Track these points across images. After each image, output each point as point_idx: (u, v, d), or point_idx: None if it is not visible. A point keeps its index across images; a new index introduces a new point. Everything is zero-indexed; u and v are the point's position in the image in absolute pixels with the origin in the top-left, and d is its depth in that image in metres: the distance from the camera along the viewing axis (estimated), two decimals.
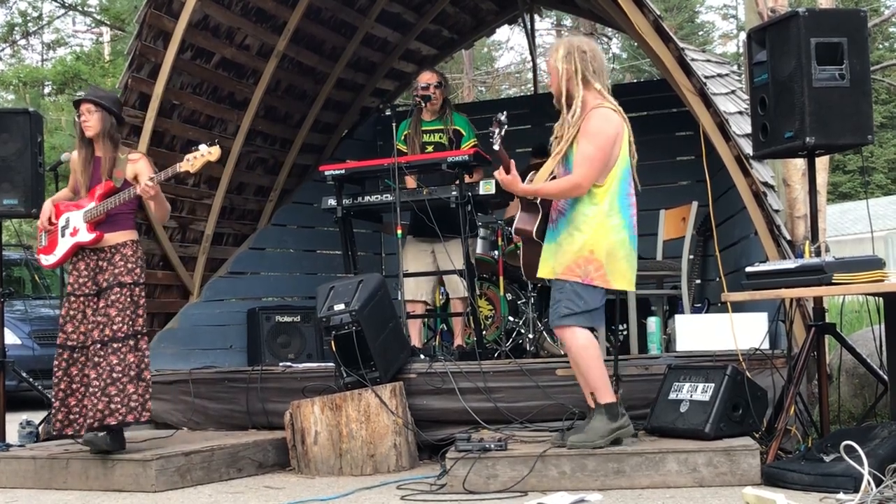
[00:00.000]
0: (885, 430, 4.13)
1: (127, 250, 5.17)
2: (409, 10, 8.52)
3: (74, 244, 5.18)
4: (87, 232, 5.16)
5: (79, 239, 5.17)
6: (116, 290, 5.06)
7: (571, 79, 4.52)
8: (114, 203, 5.11)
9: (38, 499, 4.84)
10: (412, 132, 6.39)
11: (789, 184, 5.48)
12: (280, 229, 8.54)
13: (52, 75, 21.83)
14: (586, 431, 4.47)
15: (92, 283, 5.14)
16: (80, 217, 5.18)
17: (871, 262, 4.30)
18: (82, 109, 5.20)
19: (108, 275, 5.11)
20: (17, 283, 11.17)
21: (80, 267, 5.18)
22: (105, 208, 5.12)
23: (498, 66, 33.39)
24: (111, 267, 5.12)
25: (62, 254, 5.23)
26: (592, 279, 4.45)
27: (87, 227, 5.15)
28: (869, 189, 29.58)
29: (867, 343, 5.44)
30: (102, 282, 5.11)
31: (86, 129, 5.18)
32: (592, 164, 4.42)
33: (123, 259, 5.13)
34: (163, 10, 6.55)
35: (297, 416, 5.26)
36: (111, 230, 5.17)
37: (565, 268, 4.48)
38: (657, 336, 5.89)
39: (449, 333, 7.03)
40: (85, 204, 5.19)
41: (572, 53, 4.53)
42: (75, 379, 5.10)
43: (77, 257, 5.20)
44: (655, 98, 8.57)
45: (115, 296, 5.05)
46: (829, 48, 4.60)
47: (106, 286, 5.09)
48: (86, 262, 5.17)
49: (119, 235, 5.19)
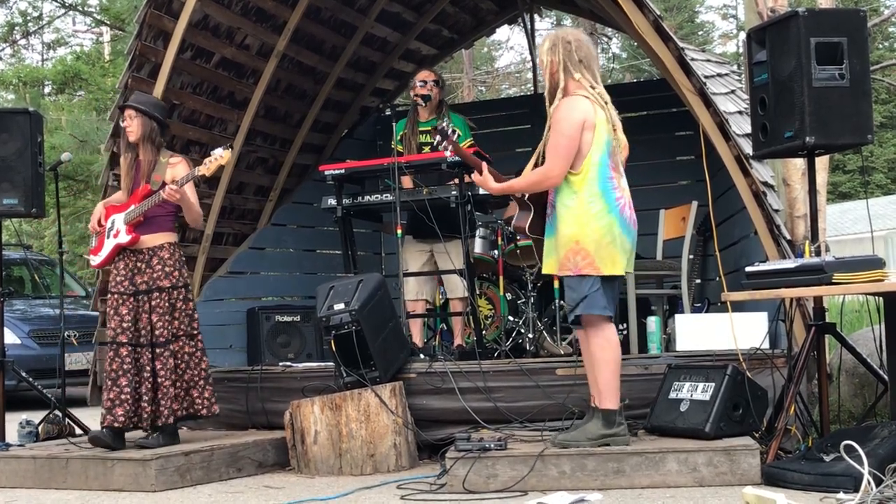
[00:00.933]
0: (885, 430, 4.13)
1: (164, 253, 5.33)
2: (408, 10, 8.52)
3: (116, 245, 5.36)
4: (125, 234, 5.33)
5: (119, 240, 5.36)
6: (155, 294, 5.28)
7: (556, 71, 4.55)
8: (148, 206, 5.29)
9: (38, 498, 4.84)
10: (409, 132, 6.39)
11: (789, 183, 5.47)
12: (280, 229, 8.54)
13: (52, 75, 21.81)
14: (577, 430, 4.48)
15: (129, 282, 5.31)
16: (122, 219, 5.36)
17: (870, 261, 4.31)
18: (125, 115, 5.39)
19: (146, 277, 5.30)
20: (17, 282, 11.17)
21: (119, 266, 5.36)
22: (141, 211, 5.29)
23: (498, 65, 33.39)
24: (149, 270, 5.30)
25: (106, 254, 5.41)
26: (581, 269, 4.45)
27: (126, 228, 5.33)
28: (869, 189, 29.58)
29: (867, 343, 5.44)
30: (140, 283, 5.29)
31: (128, 135, 5.39)
32: (558, 152, 4.44)
33: (161, 262, 5.31)
34: (163, 9, 6.55)
35: (297, 415, 5.26)
36: (148, 232, 5.33)
37: (560, 264, 4.51)
38: (657, 336, 5.89)
39: (449, 333, 7.03)
40: (128, 206, 5.36)
41: (557, 45, 4.55)
42: (117, 374, 5.19)
43: (118, 257, 5.38)
44: (655, 98, 8.56)
45: (154, 301, 5.27)
46: (828, 48, 4.60)
47: (145, 289, 5.27)
48: (125, 261, 5.35)
49: (156, 238, 5.35)
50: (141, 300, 5.26)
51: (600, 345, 4.50)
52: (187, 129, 7.19)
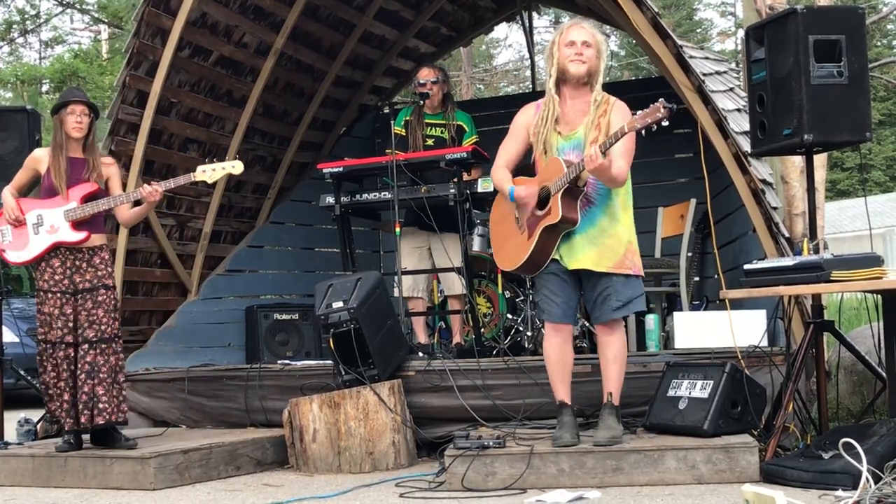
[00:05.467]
0: (883, 428, 4.13)
1: (104, 253, 5.30)
2: (407, 8, 8.51)
3: (54, 242, 5.19)
4: (71, 231, 5.18)
5: (60, 237, 5.19)
6: (102, 291, 5.19)
7: (601, 70, 4.59)
8: (107, 205, 5.21)
9: (37, 497, 4.84)
10: (414, 120, 6.36)
11: (787, 181, 5.47)
12: (278, 227, 8.54)
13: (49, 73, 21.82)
14: (608, 429, 4.48)
15: (69, 281, 5.18)
16: (58, 215, 5.18)
17: (869, 259, 4.31)
18: (76, 110, 5.22)
19: (88, 275, 5.20)
20: (15, 281, 11.17)
21: (54, 264, 5.19)
22: (94, 209, 5.18)
23: (496, 63, 33.38)
24: (91, 268, 5.21)
25: (39, 251, 5.20)
26: (638, 270, 4.58)
27: (69, 225, 5.17)
28: (867, 186, 29.58)
29: (865, 340, 5.44)
30: (80, 282, 5.18)
31: (78, 130, 5.22)
32: (631, 156, 4.50)
33: (103, 262, 5.26)
34: (161, 7, 6.54)
35: (296, 413, 5.26)
36: (91, 231, 5.24)
37: (616, 262, 4.52)
38: (656, 333, 5.89)
39: (447, 331, 7.03)
40: (60, 203, 5.19)
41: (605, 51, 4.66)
42: (62, 375, 5.14)
43: (51, 255, 5.21)
44: (654, 95, 8.48)
45: (101, 297, 5.18)
46: (827, 45, 4.60)
47: (89, 287, 5.18)
48: (60, 259, 5.20)
49: (97, 238, 5.29)
50: (80, 299, 5.17)
51: (623, 342, 4.62)
52: (185, 127, 7.19)
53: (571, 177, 4.40)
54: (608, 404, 4.56)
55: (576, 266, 4.53)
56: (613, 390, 4.56)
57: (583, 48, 4.54)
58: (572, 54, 4.53)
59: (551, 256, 4.55)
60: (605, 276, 4.52)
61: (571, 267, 4.54)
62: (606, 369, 4.59)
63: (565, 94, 4.59)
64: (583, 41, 4.54)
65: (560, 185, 4.42)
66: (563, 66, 4.54)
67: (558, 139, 4.57)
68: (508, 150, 4.76)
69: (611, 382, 4.58)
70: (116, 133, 6.65)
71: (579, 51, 4.53)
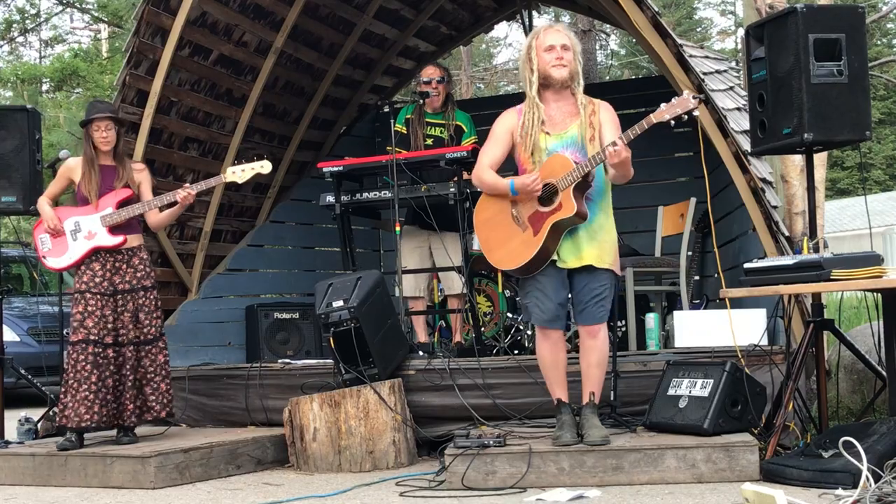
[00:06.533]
0: (883, 427, 4.13)
1: (143, 254, 5.49)
2: (406, 7, 8.51)
3: (93, 247, 5.36)
4: (108, 235, 5.36)
5: (98, 242, 5.36)
6: (142, 293, 5.39)
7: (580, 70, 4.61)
8: (142, 209, 5.40)
9: (37, 496, 4.84)
10: (415, 119, 6.37)
11: (787, 180, 5.47)
12: (278, 226, 8.54)
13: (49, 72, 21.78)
14: (599, 428, 4.50)
15: (108, 283, 5.33)
16: (96, 221, 5.36)
17: (869, 258, 4.31)
18: (101, 126, 5.38)
19: (128, 277, 5.37)
20: (15, 280, 11.17)
21: (94, 267, 5.36)
22: (129, 214, 5.38)
23: (496, 62, 33.36)
24: (131, 269, 5.39)
25: (78, 256, 5.39)
26: (618, 269, 4.66)
27: (106, 230, 5.35)
28: (867, 185, 29.59)
29: (866, 339, 5.45)
30: (119, 283, 5.35)
31: (106, 144, 5.40)
32: None
33: (142, 263, 5.44)
34: (160, 6, 6.54)
35: (296, 412, 5.26)
36: (128, 234, 5.42)
37: (613, 259, 4.58)
38: (656, 332, 5.90)
39: (447, 330, 7.03)
40: (95, 209, 5.37)
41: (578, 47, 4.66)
42: (95, 374, 5.20)
43: (91, 259, 5.37)
44: (654, 94, 8.50)
45: (142, 299, 5.38)
46: (827, 44, 4.60)
47: (129, 288, 5.36)
48: (101, 262, 5.37)
49: (134, 239, 5.47)
50: (120, 300, 5.32)
51: (607, 344, 4.65)
52: (185, 126, 7.19)
53: (585, 171, 4.41)
54: (590, 404, 4.59)
55: (578, 263, 4.52)
56: (596, 390, 4.61)
57: (563, 52, 4.55)
58: (553, 59, 4.54)
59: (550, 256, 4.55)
60: (601, 276, 4.54)
61: (573, 265, 4.53)
62: (588, 372, 4.62)
63: (548, 98, 4.59)
64: (562, 45, 4.55)
65: (570, 179, 4.42)
66: (546, 72, 4.55)
67: (547, 139, 4.56)
68: (492, 154, 4.69)
69: (593, 383, 4.61)
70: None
71: (559, 55, 4.54)
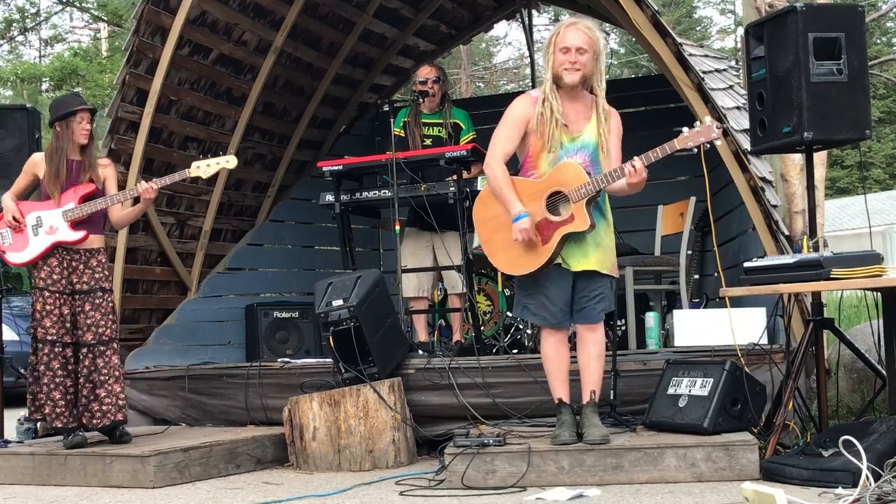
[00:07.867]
0: (883, 425, 4.13)
1: (101, 256, 5.36)
2: (406, 6, 8.51)
3: (54, 242, 5.25)
4: (70, 231, 5.24)
5: (59, 237, 5.24)
6: (100, 294, 5.27)
7: (600, 70, 4.58)
8: (104, 204, 5.27)
9: (37, 495, 4.84)
10: (412, 121, 6.38)
11: (787, 179, 5.47)
12: (278, 225, 8.54)
13: (49, 71, 21.81)
14: (600, 427, 4.50)
15: (66, 281, 5.24)
16: (57, 216, 5.24)
17: (869, 256, 4.31)
18: (85, 118, 5.31)
19: (86, 277, 5.26)
20: (15, 279, 11.16)
21: (51, 263, 5.25)
22: (92, 208, 5.24)
23: (496, 61, 33.37)
24: (88, 270, 5.27)
25: (39, 251, 5.27)
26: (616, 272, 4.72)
27: (68, 225, 5.23)
28: (867, 184, 29.59)
29: (865, 338, 5.44)
30: (77, 283, 5.25)
31: (86, 137, 5.32)
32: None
33: (100, 265, 5.32)
34: (160, 6, 6.54)
35: (296, 411, 5.26)
36: (91, 232, 5.30)
37: (612, 264, 4.62)
38: (655, 331, 5.89)
39: (447, 329, 7.03)
40: (58, 204, 5.25)
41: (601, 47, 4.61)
42: (58, 373, 5.17)
43: (49, 254, 5.26)
44: (653, 93, 8.55)
45: (99, 300, 5.26)
46: (826, 43, 4.60)
47: (87, 289, 5.25)
48: (58, 259, 5.25)
49: (96, 240, 5.35)
50: (78, 300, 5.23)
51: (604, 340, 4.68)
52: (185, 125, 7.19)
53: (601, 186, 4.43)
54: (591, 403, 4.58)
55: (582, 268, 4.53)
56: (596, 388, 4.60)
57: (577, 55, 4.50)
58: (566, 62, 4.50)
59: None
60: (602, 278, 4.56)
61: (578, 269, 4.53)
62: (589, 367, 4.61)
63: (562, 96, 4.57)
64: (577, 47, 4.50)
65: (584, 193, 4.43)
66: (557, 74, 4.54)
67: (564, 139, 4.53)
68: (506, 141, 4.61)
69: (593, 380, 4.60)
70: (116, 131, 6.65)
71: (573, 59, 4.49)
